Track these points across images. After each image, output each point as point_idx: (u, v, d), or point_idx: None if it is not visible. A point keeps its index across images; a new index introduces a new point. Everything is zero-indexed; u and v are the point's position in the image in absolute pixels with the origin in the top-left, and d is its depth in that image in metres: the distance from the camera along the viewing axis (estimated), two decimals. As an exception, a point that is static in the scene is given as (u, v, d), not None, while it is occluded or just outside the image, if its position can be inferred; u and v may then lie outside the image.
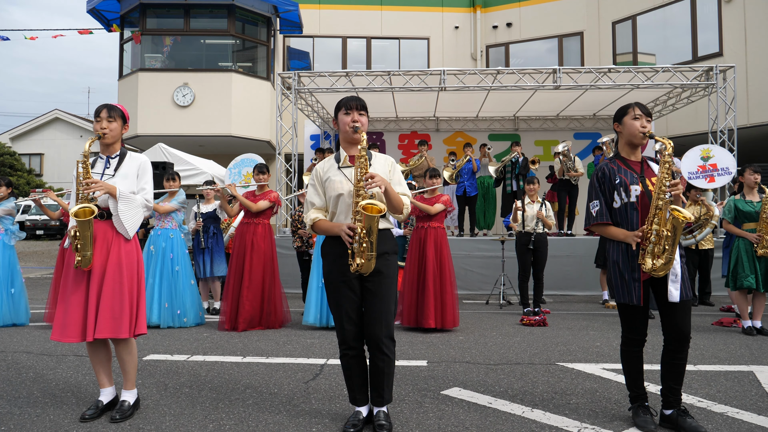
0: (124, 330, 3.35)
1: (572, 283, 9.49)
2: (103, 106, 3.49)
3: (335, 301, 3.22)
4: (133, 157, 3.58)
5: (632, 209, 3.25)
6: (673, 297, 3.13)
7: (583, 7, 16.17)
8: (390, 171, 3.30)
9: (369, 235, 3.01)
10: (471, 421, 3.36)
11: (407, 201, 3.25)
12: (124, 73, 15.65)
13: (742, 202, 6.25)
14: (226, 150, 15.67)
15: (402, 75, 10.64)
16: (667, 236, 3.07)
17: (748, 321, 6.16)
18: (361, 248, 3.03)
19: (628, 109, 3.35)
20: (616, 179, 3.30)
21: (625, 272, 3.23)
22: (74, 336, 3.34)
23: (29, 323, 6.71)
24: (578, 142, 13.48)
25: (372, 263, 3.06)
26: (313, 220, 3.27)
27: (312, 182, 3.36)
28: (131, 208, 3.43)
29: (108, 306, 3.33)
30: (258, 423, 3.33)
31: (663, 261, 3.08)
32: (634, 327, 3.32)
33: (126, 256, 3.44)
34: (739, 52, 12.84)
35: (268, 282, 6.51)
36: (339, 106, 3.27)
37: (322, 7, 17.01)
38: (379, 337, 3.12)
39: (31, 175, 26.52)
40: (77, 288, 3.38)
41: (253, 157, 10.63)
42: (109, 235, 3.44)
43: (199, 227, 7.39)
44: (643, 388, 3.36)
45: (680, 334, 3.19)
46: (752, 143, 13.67)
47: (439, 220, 6.59)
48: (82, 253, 3.31)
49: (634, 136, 3.31)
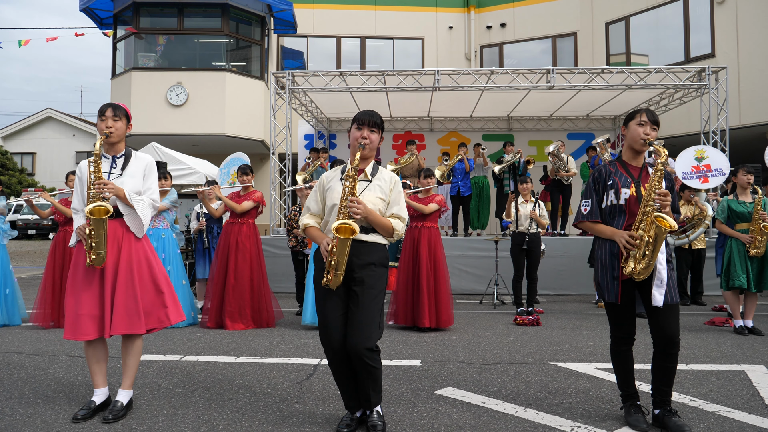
0: (140, 326, 3.38)
1: (565, 282, 9.52)
2: (108, 105, 3.52)
3: (321, 307, 3.24)
4: (139, 158, 3.61)
5: (619, 212, 3.30)
6: (656, 301, 3.15)
7: (576, 8, 16.22)
8: (392, 190, 3.31)
9: (339, 255, 3.05)
10: (464, 421, 3.37)
11: (399, 226, 3.26)
12: (117, 72, 15.57)
13: (735, 202, 6.29)
14: (219, 149, 15.62)
15: (396, 75, 10.65)
16: (648, 242, 3.11)
17: (740, 320, 6.20)
18: (330, 265, 3.09)
19: (636, 114, 3.38)
20: (610, 180, 3.35)
21: (607, 270, 3.30)
22: (90, 333, 3.35)
23: (21, 323, 6.67)
24: (571, 142, 13.53)
25: (338, 280, 3.10)
26: (305, 225, 3.36)
27: (315, 188, 3.41)
28: (140, 208, 3.46)
29: (122, 303, 3.37)
30: (251, 423, 3.33)
31: (643, 266, 3.13)
32: (620, 325, 3.38)
33: (136, 253, 3.48)
34: (731, 54, 12.92)
35: (257, 280, 6.53)
36: (354, 119, 3.32)
37: (317, 6, 16.99)
38: (359, 348, 3.07)
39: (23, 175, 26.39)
40: (89, 286, 3.39)
41: (242, 156, 10.62)
42: (119, 233, 3.47)
43: (203, 227, 7.37)
44: (634, 387, 3.38)
45: (666, 338, 3.20)
46: (744, 144, 13.75)
47: (432, 220, 6.61)
48: (96, 251, 3.33)
49: (635, 142, 3.35)
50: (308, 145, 13.61)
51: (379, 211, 3.22)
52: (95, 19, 15.78)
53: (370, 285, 3.17)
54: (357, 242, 3.14)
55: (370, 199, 3.20)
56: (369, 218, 3.15)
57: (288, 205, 11.70)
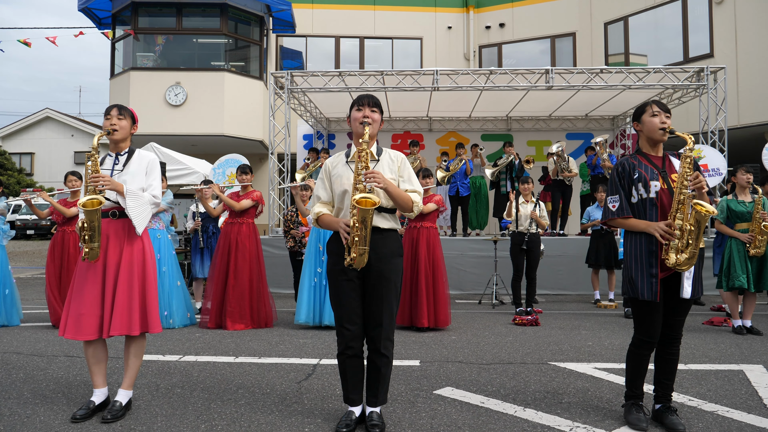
0: (135, 327, 3.38)
1: (564, 283, 9.52)
2: (114, 106, 3.60)
3: (337, 299, 3.21)
4: (142, 155, 3.64)
5: (651, 205, 3.22)
6: (685, 293, 3.13)
7: (575, 8, 16.23)
8: (400, 167, 3.29)
9: (362, 229, 2.98)
10: (463, 421, 3.37)
11: (417, 198, 3.22)
12: (115, 72, 15.56)
13: (735, 202, 6.29)
14: (218, 149, 15.59)
15: (395, 75, 10.65)
16: (690, 230, 3.04)
17: (739, 320, 6.20)
18: (353, 241, 3.01)
19: (646, 107, 3.33)
20: (635, 174, 3.27)
21: (643, 267, 3.19)
22: (90, 333, 3.35)
23: (20, 324, 6.66)
24: (570, 142, 13.52)
25: (364, 258, 3.04)
26: (317, 214, 3.27)
27: (320, 176, 3.37)
28: (139, 204, 3.46)
29: (121, 303, 3.37)
30: (250, 423, 3.32)
31: (687, 255, 3.06)
32: (648, 327, 3.24)
33: (137, 254, 3.48)
34: (729, 54, 12.93)
35: (256, 280, 6.52)
36: (352, 103, 3.28)
37: (315, 6, 16.98)
38: (379, 338, 3.13)
39: (22, 175, 26.34)
40: (92, 286, 3.39)
41: (238, 157, 10.62)
42: (121, 234, 3.48)
43: (198, 227, 7.37)
44: (641, 388, 3.35)
45: (675, 332, 3.23)
46: (742, 144, 13.77)
47: (431, 220, 6.61)
48: (90, 244, 3.33)
49: (654, 133, 3.28)
50: (307, 145, 13.61)
51: None
52: (94, 19, 15.76)
53: (388, 278, 3.16)
54: (372, 232, 3.08)
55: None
56: (389, 189, 3.08)
57: (287, 206, 11.70)
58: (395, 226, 3.27)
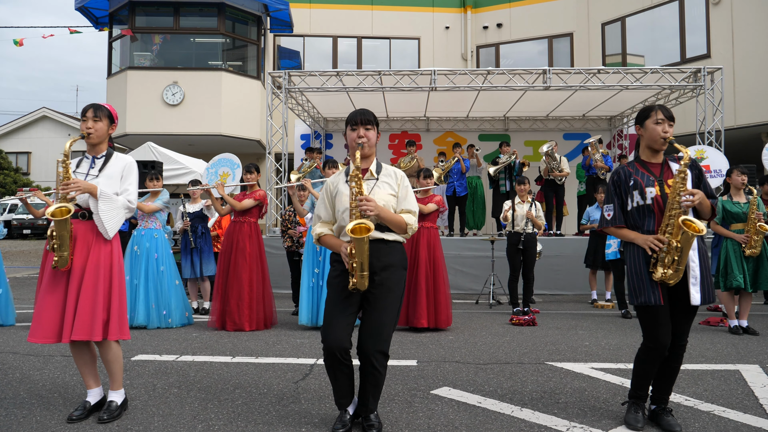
0: (98, 333, 3.29)
1: (561, 282, 9.53)
2: (90, 106, 3.47)
3: (331, 308, 3.18)
4: (119, 158, 3.54)
5: (648, 212, 3.20)
6: (695, 300, 3.10)
7: (572, 9, 16.25)
8: (399, 185, 3.27)
9: (360, 255, 2.99)
10: (460, 421, 3.37)
11: (412, 220, 3.20)
12: (112, 71, 15.53)
13: (730, 203, 6.31)
14: (215, 149, 15.51)
15: (392, 75, 10.64)
16: (676, 247, 3.02)
17: (735, 320, 6.22)
18: (352, 268, 3.02)
19: (651, 112, 3.24)
20: (631, 181, 3.25)
21: (643, 274, 3.17)
22: (49, 337, 3.28)
23: (15, 323, 6.64)
24: (568, 142, 13.55)
25: (364, 281, 3.03)
26: (319, 235, 3.28)
27: (322, 194, 3.36)
28: (112, 208, 3.37)
29: (84, 308, 3.28)
30: (247, 423, 3.32)
31: (672, 271, 3.05)
32: (656, 334, 3.17)
33: (105, 258, 3.39)
34: (726, 54, 12.96)
35: (257, 281, 6.46)
36: (346, 122, 3.29)
37: (313, 6, 16.97)
38: (372, 350, 3.06)
39: (18, 174, 26.25)
40: (55, 289, 3.33)
41: (230, 157, 10.61)
42: (89, 237, 3.39)
43: (187, 227, 7.35)
44: (646, 390, 3.33)
45: (680, 339, 3.22)
46: (739, 144, 13.81)
47: (431, 220, 6.61)
48: (59, 253, 3.27)
49: (655, 141, 3.23)
50: (305, 144, 13.59)
51: (391, 208, 3.18)
52: (91, 18, 15.73)
53: (389, 288, 3.13)
54: (377, 242, 3.10)
55: (381, 197, 3.16)
56: (381, 216, 3.08)
57: (284, 205, 11.69)
58: (400, 239, 3.26)
